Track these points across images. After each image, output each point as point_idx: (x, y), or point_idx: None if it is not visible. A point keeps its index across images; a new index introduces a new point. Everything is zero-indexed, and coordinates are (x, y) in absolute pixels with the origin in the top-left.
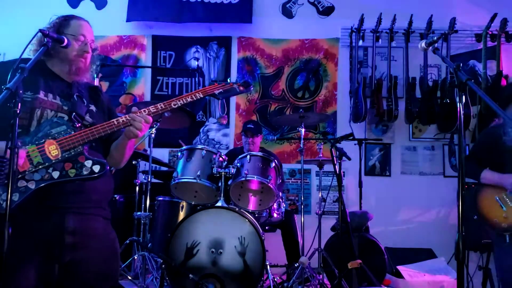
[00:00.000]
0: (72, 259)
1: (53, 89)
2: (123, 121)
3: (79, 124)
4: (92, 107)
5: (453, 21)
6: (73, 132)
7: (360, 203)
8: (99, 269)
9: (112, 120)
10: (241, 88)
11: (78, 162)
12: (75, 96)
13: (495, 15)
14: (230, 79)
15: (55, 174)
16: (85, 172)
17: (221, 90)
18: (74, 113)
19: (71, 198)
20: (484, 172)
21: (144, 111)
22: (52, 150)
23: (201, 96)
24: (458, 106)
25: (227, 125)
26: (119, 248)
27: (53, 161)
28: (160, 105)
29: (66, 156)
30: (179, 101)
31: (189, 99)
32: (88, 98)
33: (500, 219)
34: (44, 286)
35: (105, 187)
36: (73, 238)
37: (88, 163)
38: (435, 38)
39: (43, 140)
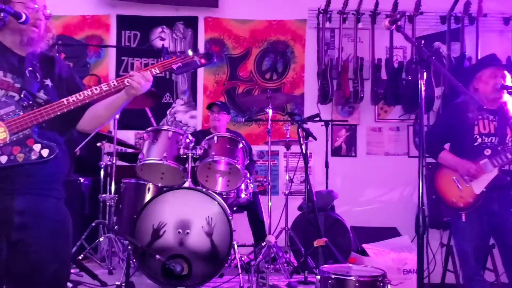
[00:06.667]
0: (21, 239)
1: (3, 66)
2: (73, 101)
3: (28, 104)
4: (48, 82)
5: (418, 3)
6: (21, 113)
7: (327, 183)
8: (48, 249)
9: (62, 100)
10: (202, 60)
11: (26, 145)
12: (27, 71)
13: None
14: (190, 51)
15: (3, 159)
16: (33, 157)
17: (180, 64)
18: (24, 91)
19: (21, 180)
20: (443, 152)
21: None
22: (0, 133)
23: (158, 72)
24: (420, 82)
25: (194, 107)
26: (71, 228)
27: (1, 145)
28: (113, 82)
29: (15, 139)
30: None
31: None
32: (42, 72)
33: (457, 199)
34: None
35: (57, 169)
36: (22, 218)
37: (37, 147)
38: (398, 16)
39: None
